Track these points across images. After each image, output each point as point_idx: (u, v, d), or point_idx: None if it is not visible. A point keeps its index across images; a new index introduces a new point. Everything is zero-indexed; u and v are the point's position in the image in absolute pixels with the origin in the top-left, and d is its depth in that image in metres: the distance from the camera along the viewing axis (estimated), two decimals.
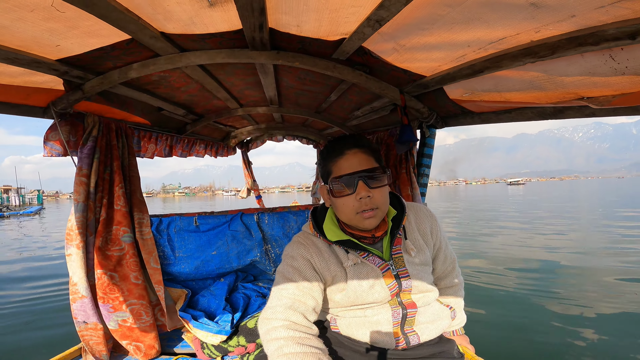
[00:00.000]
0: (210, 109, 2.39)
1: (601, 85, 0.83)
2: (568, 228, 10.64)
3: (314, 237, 1.10)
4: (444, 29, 0.97)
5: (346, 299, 1.06)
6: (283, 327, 0.89)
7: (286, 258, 1.08)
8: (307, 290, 1.00)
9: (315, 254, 1.06)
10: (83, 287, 1.49)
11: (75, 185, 1.52)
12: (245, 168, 4.46)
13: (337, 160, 1.03)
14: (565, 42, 0.74)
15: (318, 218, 1.14)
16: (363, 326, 1.09)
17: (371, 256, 1.06)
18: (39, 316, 4.26)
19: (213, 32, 1.20)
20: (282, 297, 0.97)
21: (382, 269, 1.05)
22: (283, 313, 0.93)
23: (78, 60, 1.23)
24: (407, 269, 1.06)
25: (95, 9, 0.86)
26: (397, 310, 1.07)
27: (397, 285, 1.05)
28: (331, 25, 1.15)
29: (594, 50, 0.73)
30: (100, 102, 1.55)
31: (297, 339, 0.86)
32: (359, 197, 0.97)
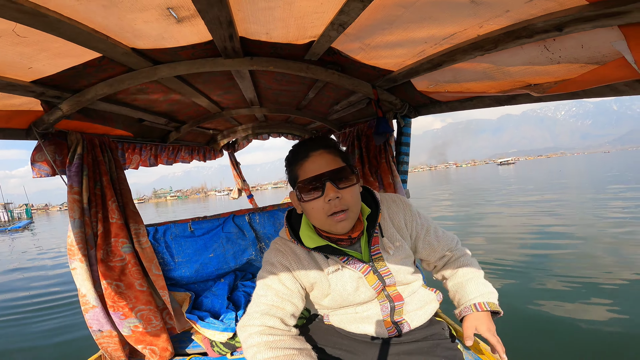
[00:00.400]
0: (192, 115, 2.43)
1: (543, 74, 0.92)
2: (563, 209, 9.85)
3: (291, 244, 1.08)
4: (402, 28, 1.05)
5: (333, 302, 1.07)
6: (257, 333, 0.90)
7: (265, 264, 1.07)
8: (286, 296, 0.99)
9: (293, 262, 1.04)
10: (92, 298, 1.56)
11: (69, 203, 1.56)
12: (234, 169, 4.50)
13: (303, 163, 0.99)
14: (504, 36, 0.82)
15: (294, 223, 1.12)
16: (355, 321, 1.12)
17: (351, 260, 1.04)
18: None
19: (184, 44, 1.24)
20: (260, 304, 0.97)
21: (363, 272, 1.05)
22: (259, 319, 0.93)
23: (52, 80, 1.25)
24: (388, 267, 1.06)
25: (62, 32, 0.89)
26: (385, 305, 1.09)
27: (381, 283, 1.06)
28: (298, 30, 1.21)
29: (530, 42, 0.81)
30: (80, 119, 1.57)
31: (271, 344, 0.87)
32: (327, 199, 0.94)
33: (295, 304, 1.01)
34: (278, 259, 1.05)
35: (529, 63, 0.89)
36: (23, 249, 13.92)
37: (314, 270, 1.05)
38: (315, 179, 0.95)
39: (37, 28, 0.87)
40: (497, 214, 10.01)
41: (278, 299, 0.98)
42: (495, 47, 0.88)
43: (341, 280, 1.04)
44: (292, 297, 1.01)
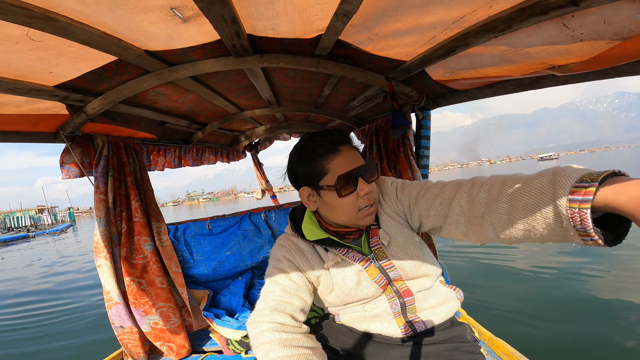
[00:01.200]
0: (212, 117, 2.49)
1: (566, 53, 0.83)
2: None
3: (293, 238, 1.08)
4: (408, 14, 0.99)
5: (338, 298, 1.05)
6: (269, 330, 0.87)
7: (271, 261, 1.06)
8: (293, 291, 0.98)
9: (297, 256, 1.04)
10: (116, 294, 1.64)
11: (95, 202, 1.66)
12: (257, 170, 4.57)
13: (335, 157, 0.94)
14: (516, 14, 0.75)
15: (297, 219, 1.12)
16: (365, 320, 1.08)
17: (351, 252, 1.03)
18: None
19: (194, 44, 1.26)
20: (269, 300, 0.95)
21: (363, 264, 1.03)
22: (269, 315, 0.91)
23: (74, 84, 1.31)
24: (389, 259, 1.03)
25: (75, 36, 0.93)
26: (395, 301, 1.04)
27: (384, 277, 1.02)
28: (304, 24, 1.19)
29: (546, 20, 0.73)
30: (105, 122, 1.66)
31: (284, 342, 0.84)
32: (363, 194, 0.93)
33: (304, 298, 0.99)
34: (282, 253, 1.05)
35: (548, 43, 0.80)
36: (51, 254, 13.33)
37: (318, 263, 1.04)
38: (353, 173, 0.93)
39: (50, 32, 0.91)
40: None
41: (286, 294, 0.96)
42: (509, 27, 0.81)
43: (342, 274, 1.02)
44: (300, 292, 0.99)
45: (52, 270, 9.33)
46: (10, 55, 1.00)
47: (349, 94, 2.22)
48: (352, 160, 0.95)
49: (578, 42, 0.75)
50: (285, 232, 1.15)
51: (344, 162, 0.94)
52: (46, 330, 4.58)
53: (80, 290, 6.63)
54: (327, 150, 0.95)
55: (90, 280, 7.27)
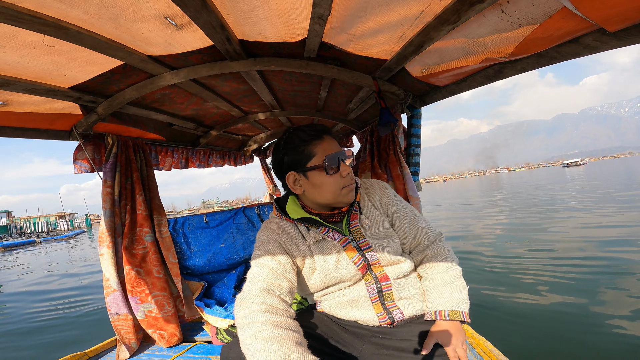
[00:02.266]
0: (218, 120, 2.63)
1: (513, 40, 0.89)
2: None
3: (278, 220, 1.15)
4: (375, 13, 1.08)
5: (319, 278, 1.09)
6: (260, 310, 0.89)
7: (257, 243, 1.11)
8: (280, 272, 1.01)
9: (283, 235, 1.09)
10: (114, 282, 1.75)
11: (103, 195, 1.80)
12: (265, 174, 4.69)
13: (320, 143, 1.07)
14: (459, 4, 0.82)
15: (281, 203, 1.21)
16: (344, 305, 1.12)
17: (331, 232, 1.10)
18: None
19: (191, 50, 1.39)
20: (257, 281, 0.97)
21: (342, 243, 1.09)
22: (259, 297, 0.93)
23: (87, 86, 1.46)
24: (367, 240, 1.10)
25: (84, 42, 1.06)
26: (372, 285, 1.09)
27: (362, 258, 1.08)
28: (287, 28, 1.29)
29: (487, 8, 0.80)
30: (115, 122, 1.81)
31: (275, 322, 0.85)
32: (345, 174, 1.06)
33: (290, 279, 1.02)
34: (268, 235, 1.10)
35: (495, 31, 0.87)
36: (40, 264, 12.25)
37: (301, 241, 1.10)
38: (337, 155, 1.06)
39: (63, 39, 1.05)
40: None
41: (273, 275, 0.99)
42: (459, 18, 0.88)
43: (322, 253, 1.08)
44: (286, 273, 1.02)
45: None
46: (29, 59, 1.15)
47: (345, 96, 2.31)
48: (334, 147, 1.08)
49: (518, 28, 0.81)
50: (270, 216, 1.21)
51: (328, 147, 1.07)
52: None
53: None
54: (313, 137, 1.07)
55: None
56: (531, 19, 0.75)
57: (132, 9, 1.01)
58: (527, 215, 10.22)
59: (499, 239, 7.28)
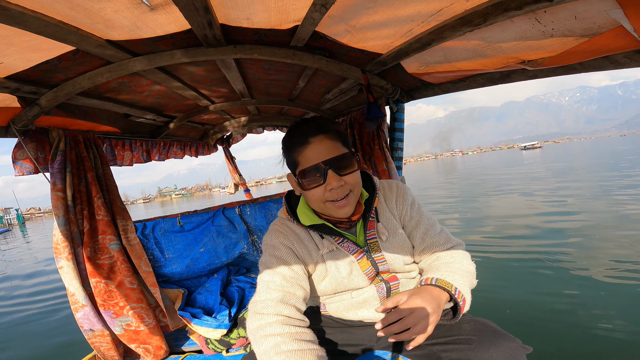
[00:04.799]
0: (181, 109, 2.38)
1: (536, 48, 0.87)
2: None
3: (289, 223, 1.07)
4: (386, 6, 0.99)
5: (329, 286, 1.05)
6: (277, 322, 0.85)
7: (267, 248, 1.04)
8: (294, 280, 0.96)
9: (295, 241, 1.03)
10: (81, 297, 1.54)
11: (53, 200, 1.53)
12: (229, 164, 4.46)
13: (302, 149, 0.95)
14: (492, 9, 0.77)
15: (292, 202, 1.11)
16: (352, 307, 1.09)
17: (346, 242, 1.03)
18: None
19: (162, 34, 1.19)
20: (271, 290, 0.93)
21: (356, 256, 1.03)
22: (275, 307, 0.89)
23: (27, 75, 1.22)
24: (383, 254, 1.04)
25: (28, 25, 0.86)
26: (381, 286, 1.07)
27: (375, 270, 1.04)
28: (280, 14, 1.16)
29: (520, 15, 0.76)
30: (61, 115, 1.53)
31: (294, 335, 0.83)
32: (329, 188, 0.92)
33: (304, 287, 0.98)
34: (280, 240, 1.03)
35: (520, 38, 0.84)
36: None
37: (314, 249, 1.03)
38: (316, 167, 0.93)
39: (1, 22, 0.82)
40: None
41: (288, 284, 0.95)
42: (484, 22, 0.83)
43: (335, 263, 1.03)
44: (300, 281, 0.98)
45: None
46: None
47: (324, 87, 2.21)
48: (322, 153, 0.93)
49: (549, 38, 0.79)
50: (279, 216, 1.13)
51: (311, 155, 0.94)
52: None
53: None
54: (299, 142, 0.96)
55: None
56: (567, 32, 0.73)
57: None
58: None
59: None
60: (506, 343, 0.83)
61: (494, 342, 0.83)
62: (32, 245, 17.10)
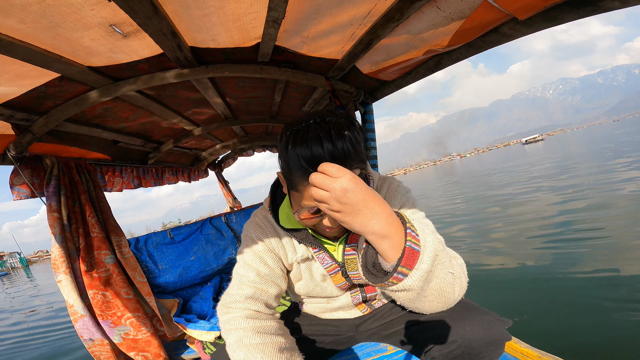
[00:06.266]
0: (168, 134, 2.52)
1: (447, 34, 1.03)
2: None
3: (270, 217, 1.01)
4: (327, 15, 1.16)
5: (303, 290, 1.05)
6: (242, 317, 0.85)
7: (246, 239, 1.00)
8: (268, 277, 0.94)
9: (273, 239, 0.98)
10: (80, 307, 1.63)
11: (50, 220, 1.64)
12: (223, 188, 4.57)
13: (308, 185, 0.71)
14: (402, 3, 0.93)
15: (277, 196, 1.02)
16: (327, 311, 1.13)
17: (322, 253, 0.98)
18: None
19: (138, 59, 1.33)
20: (243, 285, 0.91)
21: (329, 271, 1.00)
22: (243, 302, 0.88)
23: (19, 102, 1.32)
24: (359, 272, 0.92)
25: (17, 54, 0.97)
26: (357, 295, 1.08)
27: (348, 284, 1.02)
28: (241, 33, 1.31)
29: (424, 5, 0.92)
30: (53, 142, 1.66)
31: (257, 328, 0.82)
32: (327, 225, 0.81)
33: (279, 284, 0.96)
34: (257, 234, 0.98)
35: (433, 26, 1.00)
36: None
37: (291, 250, 1.00)
38: (319, 210, 0.75)
39: None
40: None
41: (261, 281, 0.92)
42: (402, 16, 0.99)
43: (309, 271, 1.02)
44: (275, 278, 0.95)
45: None
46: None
47: (299, 99, 2.37)
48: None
49: (451, 22, 0.94)
50: (264, 205, 1.05)
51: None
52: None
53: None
54: (303, 172, 0.72)
55: None
56: (460, 13, 0.88)
57: (73, 17, 0.95)
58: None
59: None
60: (480, 316, 0.81)
61: (466, 316, 0.81)
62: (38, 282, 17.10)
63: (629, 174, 8.45)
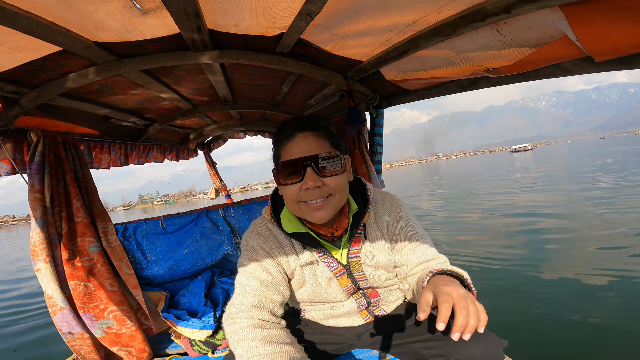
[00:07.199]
0: (163, 113, 2.37)
1: (498, 57, 0.98)
2: None
3: (271, 225, 1.02)
4: (367, 16, 1.08)
5: (306, 296, 1.05)
6: (250, 326, 0.84)
7: (246, 249, 1.00)
8: (272, 285, 0.94)
9: (275, 247, 0.99)
10: (60, 299, 1.50)
11: (30, 202, 1.49)
12: (210, 169, 4.42)
13: (287, 143, 0.91)
14: (460, 20, 0.87)
15: (277, 203, 1.04)
16: (330, 317, 1.12)
17: (327, 257, 1.00)
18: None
19: (151, 37, 1.22)
20: (247, 295, 0.91)
21: (336, 273, 1.01)
22: (249, 312, 0.88)
23: (10, 75, 1.21)
24: (364, 273, 1.02)
25: (19, 25, 0.87)
26: (362, 301, 1.08)
27: (355, 286, 1.03)
28: (267, 21, 1.22)
29: (484, 26, 0.87)
30: (41, 115, 1.52)
31: (266, 338, 0.82)
32: (305, 187, 0.87)
33: (282, 292, 0.97)
34: (258, 243, 0.99)
35: (484, 47, 0.95)
36: None
37: (293, 257, 1.00)
38: (295, 162, 0.87)
39: None
40: None
41: (265, 289, 0.93)
42: (453, 32, 0.93)
43: (313, 275, 1.02)
44: (278, 285, 0.96)
45: None
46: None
47: (307, 92, 2.28)
48: (304, 149, 0.89)
49: (508, 48, 0.90)
50: (263, 215, 1.07)
51: (293, 149, 0.90)
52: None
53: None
54: (285, 136, 0.92)
55: None
56: (524, 42, 0.84)
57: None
58: None
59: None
60: (483, 338, 0.85)
61: (472, 337, 0.82)
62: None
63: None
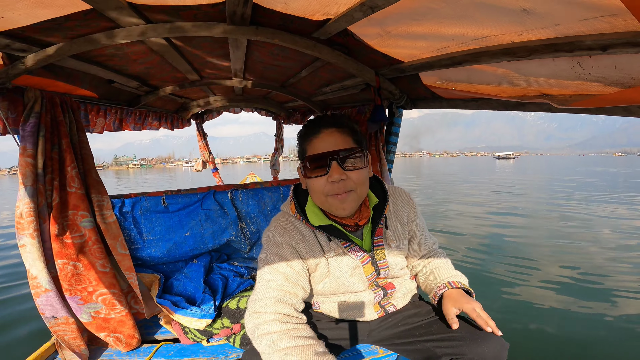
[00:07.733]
0: (167, 81, 2.19)
1: (563, 87, 0.95)
2: None
3: (296, 221, 1.05)
4: (434, 22, 1.01)
5: (328, 287, 1.07)
6: (275, 320, 0.87)
7: (270, 245, 1.02)
8: (295, 280, 0.97)
9: (300, 241, 1.01)
10: (45, 280, 1.35)
11: (21, 167, 1.33)
12: (201, 140, 4.23)
13: (313, 139, 0.97)
14: (542, 47, 0.83)
15: (300, 198, 1.08)
16: (346, 309, 1.14)
17: (353, 246, 1.04)
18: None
19: (190, 4, 1.09)
20: (270, 289, 0.94)
21: (362, 261, 1.05)
22: (273, 307, 0.90)
23: (23, 31, 1.07)
24: (387, 260, 1.08)
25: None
26: (379, 292, 1.12)
27: (376, 275, 1.08)
28: (320, 5, 1.12)
29: (565, 57, 0.83)
30: (42, 75, 1.36)
31: (291, 332, 0.85)
32: (330, 180, 0.92)
33: (304, 287, 1.00)
34: (284, 238, 1.01)
35: (554, 76, 0.92)
36: None
37: (319, 251, 1.03)
38: (321, 156, 0.93)
39: None
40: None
41: (289, 284, 0.95)
42: (528, 56, 0.89)
43: (339, 266, 1.04)
44: (301, 281, 0.99)
45: None
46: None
47: (326, 80, 2.18)
48: (330, 144, 0.94)
49: (581, 80, 0.87)
50: (284, 211, 1.10)
51: (319, 144, 0.96)
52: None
53: None
54: (311, 132, 0.99)
55: None
56: (601, 78, 0.81)
57: None
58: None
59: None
60: (494, 338, 0.93)
61: (485, 338, 0.93)
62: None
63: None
